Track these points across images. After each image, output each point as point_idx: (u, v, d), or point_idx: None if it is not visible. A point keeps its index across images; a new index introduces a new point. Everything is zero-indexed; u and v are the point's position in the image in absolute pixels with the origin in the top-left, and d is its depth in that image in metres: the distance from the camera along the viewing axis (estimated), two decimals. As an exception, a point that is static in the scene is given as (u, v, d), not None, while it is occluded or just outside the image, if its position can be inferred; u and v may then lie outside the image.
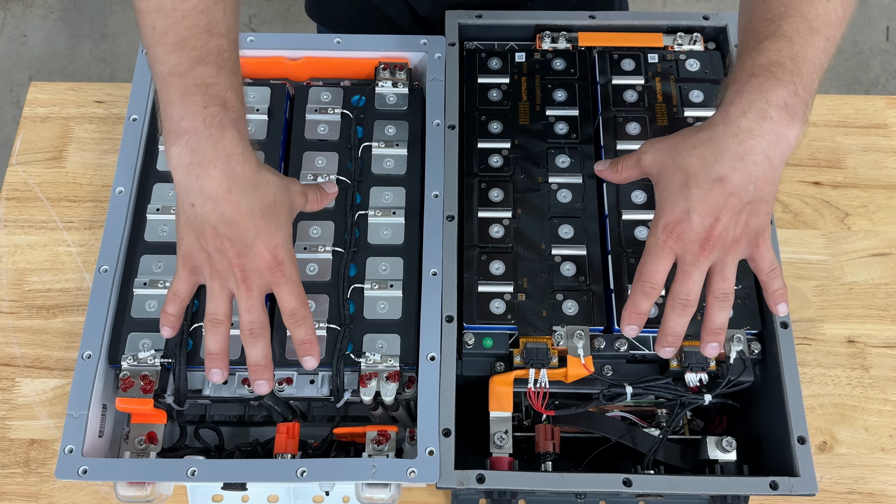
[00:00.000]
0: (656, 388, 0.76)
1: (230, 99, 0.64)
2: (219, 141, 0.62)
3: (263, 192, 0.64)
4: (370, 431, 0.76)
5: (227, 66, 0.65)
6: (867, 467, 0.86)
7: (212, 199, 0.63)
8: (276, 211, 0.66)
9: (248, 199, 0.63)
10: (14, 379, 0.90)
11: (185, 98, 0.63)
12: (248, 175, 0.63)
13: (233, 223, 0.63)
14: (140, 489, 0.73)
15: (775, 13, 0.67)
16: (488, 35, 0.94)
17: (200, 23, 0.65)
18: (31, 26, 2.21)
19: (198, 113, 0.63)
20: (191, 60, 0.64)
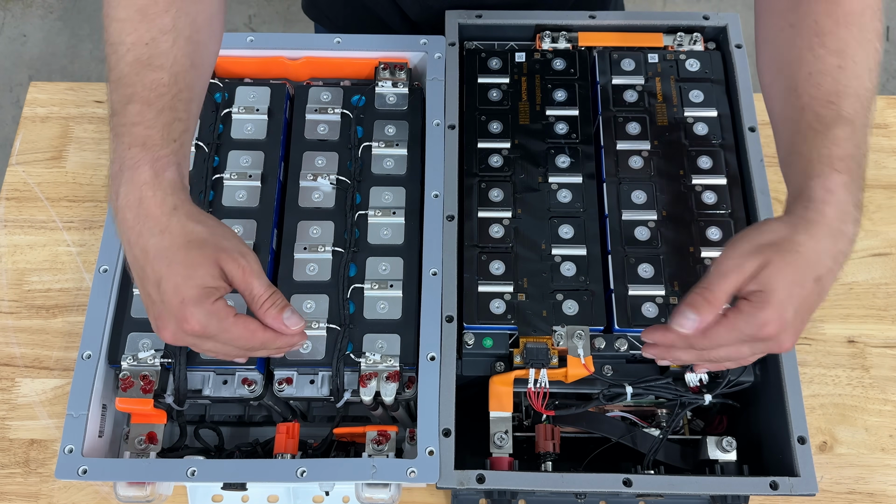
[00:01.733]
0: (656, 388, 0.76)
1: (152, 137, 0.62)
2: (132, 183, 0.61)
3: (174, 238, 0.60)
4: (370, 431, 0.76)
5: (159, 101, 0.63)
6: (867, 467, 0.86)
7: (129, 243, 0.61)
8: (188, 259, 0.60)
9: (155, 244, 0.60)
10: (14, 379, 0.90)
11: (115, 140, 0.63)
12: (158, 218, 0.60)
13: (143, 269, 0.61)
14: (140, 489, 0.73)
15: (829, 91, 0.66)
16: (488, 35, 0.94)
17: (142, 57, 0.64)
18: (31, 26, 2.21)
19: (121, 155, 0.62)
20: (124, 99, 0.63)
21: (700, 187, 0.84)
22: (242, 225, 0.82)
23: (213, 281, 0.60)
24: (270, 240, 0.82)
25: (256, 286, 0.62)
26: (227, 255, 0.61)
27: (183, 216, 0.61)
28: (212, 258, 0.60)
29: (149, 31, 0.64)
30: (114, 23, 0.65)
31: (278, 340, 0.64)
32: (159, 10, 0.65)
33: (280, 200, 0.85)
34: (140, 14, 0.65)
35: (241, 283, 0.61)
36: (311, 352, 0.77)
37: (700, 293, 0.63)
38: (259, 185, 0.84)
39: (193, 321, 0.60)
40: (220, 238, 0.62)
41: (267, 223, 0.83)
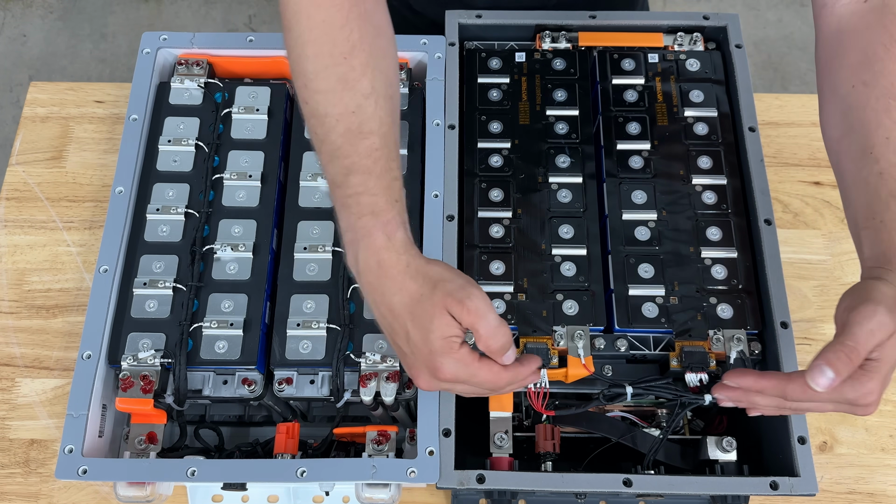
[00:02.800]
0: (656, 388, 0.76)
1: (378, 203, 0.64)
2: (370, 250, 0.64)
3: (411, 294, 0.63)
4: (370, 431, 0.75)
5: (376, 167, 0.65)
6: (867, 467, 0.86)
7: (375, 304, 0.65)
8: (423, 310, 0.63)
9: (398, 303, 0.63)
10: (14, 379, 0.90)
11: (343, 210, 0.66)
12: (395, 278, 0.63)
13: (392, 327, 0.65)
14: (140, 489, 0.73)
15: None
16: (488, 35, 0.94)
17: (352, 126, 0.65)
18: (31, 26, 2.21)
19: (352, 225, 0.65)
20: (343, 170, 0.65)
21: (700, 187, 0.84)
22: (242, 225, 0.82)
23: (450, 329, 0.62)
24: (270, 240, 0.82)
25: (482, 327, 0.62)
26: (452, 300, 0.62)
27: (415, 272, 0.63)
28: (441, 307, 0.62)
29: (353, 99, 0.65)
30: (316, 95, 0.66)
31: (520, 375, 0.66)
32: (357, 75, 0.65)
33: (280, 200, 0.85)
34: (341, 83, 0.65)
35: (470, 326, 0.63)
36: (311, 352, 0.77)
37: (845, 352, 0.60)
38: (259, 185, 0.84)
39: (445, 371, 0.63)
40: (446, 283, 0.63)
41: (267, 223, 0.83)
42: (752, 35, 2.17)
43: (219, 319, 0.77)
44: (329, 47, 0.65)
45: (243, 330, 0.77)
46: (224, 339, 0.77)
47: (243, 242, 0.81)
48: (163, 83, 0.90)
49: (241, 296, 0.79)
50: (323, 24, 0.65)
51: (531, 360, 0.68)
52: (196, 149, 0.86)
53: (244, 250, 0.81)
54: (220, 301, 0.79)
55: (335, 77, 0.65)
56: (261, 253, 0.81)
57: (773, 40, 2.17)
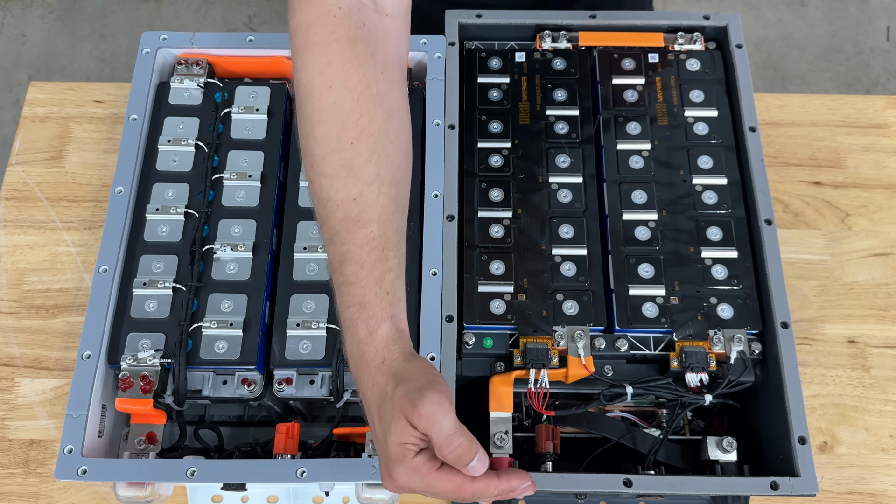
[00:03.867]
0: (657, 388, 0.76)
1: (367, 296, 0.63)
2: (353, 340, 0.63)
3: (381, 392, 0.61)
4: (370, 432, 0.75)
5: (371, 257, 0.64)
6: (868, 467, 0.86)
7: (360, 390, 0.64)
8: (380, 414, 0.61)
9: (370, 397, 0.62)
10: (14, 379, 0.90)
11: (337, 296, 0.65)
12: (371, 373, 0.62)
13: (369, 415, 0.63)
14: (140, 489, 0.73)
15: None
16: (488, 35, 0.94)
17: (351, 213, 0.64)
18: (31, 26, 2.21)
19: (342, 313, 0.64)
20: (339, 257, 0.64)
21: (700, 187, 0.84)
22: (242, 225, 0.82)
23: (405, 436, 0.58)
24: (270, 240, 0.82)
25: (435, 434, 0.57)
26: (407, 402, 0.58)
27: (387, 369, 0.62)
28: (398, 410, 0.59)
29: (356, 186, 0.64)
30: (320, 178, 0.65)
31: (491, 489, 0.60)
32: (363, 161, 0.64)
33: (280, 200, 0.85)
34: (346, 169, 0.64)
35: (424, 432, 0.58)
36: (310, 352, 0.76)
37: None
38: (259, 185, 0.84)
39: (398, 479, 0.60)
40: (407, 384, 0.60)
41: (267, 223, 0.82)
42: (753, 35, 2.17)
43: (218, 319, 0.77)
44: (337, 131, 0.64)
45: (243, 330, 0.77)
46: (224, 339, 0.77)
47: (243, 242, 0.81)
48: (162, 83, 0.90)
49: (240, 296, 0.79)
50: (333, 107, 0.64)
51: (514, 476, 0.60)
52: (196, 149, 0.86)
53: (244, 250, 0.81)
54: (220, 301, 0.79)
55: (340, 162, 0.64)
56: (260, 253, 0.81)
57: (773, 40, 2.17)
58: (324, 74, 0.65)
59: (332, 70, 0.65)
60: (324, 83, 0.65)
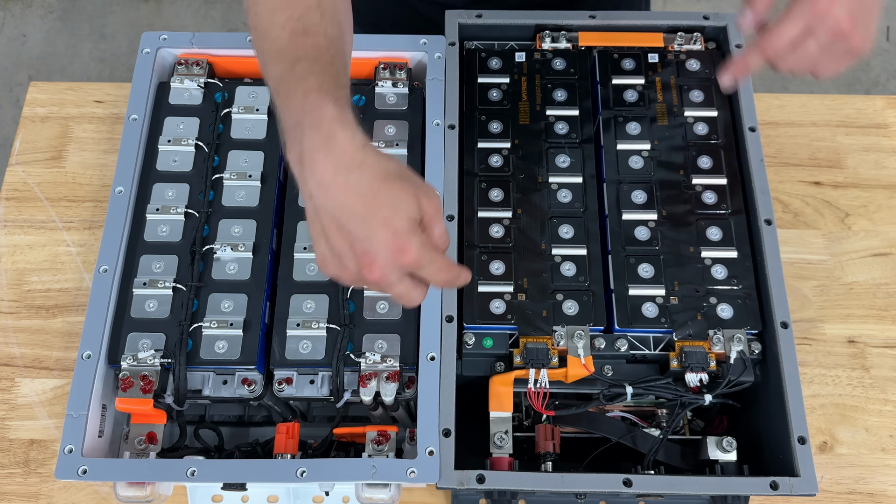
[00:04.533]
0: (656, 388, 0.76)
1: (326, 83, 0.63)
2: (320, 125, 0.60)
3: (373, 172, 0.59)
4: (370, 431, 0.75)
5: (322, 58, 0.65)
6: (867, 467, 0.86)
7: (323, 185, 0.59)
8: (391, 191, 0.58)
9: (355, 179, 0.58)
10: (14, 379, 0.90)
11: (288, 97, 0.63)
12: (352, 153, 0.59)
13: (346, 207, 0.58)
14: (140, 489, 0.73)
15: None
16: (488, 35, 0.94)
17: (297, 29, 0.66)
18: (31, 26, 2.21)
19: (299, 105, 0.62)
20: (288, 63, 0.65)
21: (700, 187, 0.84)
22: (242, 225, 0.82)
23: (416, 213, 0.59)
24: (270, 240, 0.82)
25: (439, 227, 0.61)
26: (422, 191, 0.59)
27: (373, 151, 0.60)
28: (411, 192, 0.59)
29: (297, 9, 0.67)
30: (262, 10, 0.68)
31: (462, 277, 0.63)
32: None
33: (280, 200, 0.85)
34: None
35: (430, 219, 0.60)
36: (310, 352, 0.76)
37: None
38: (259, 185, 0.84)
39: (411, 250, 0.58)
40: (411, 174, 0.60)
41: (267, 223, 0.82)
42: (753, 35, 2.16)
43: (219, 319, 0.77)
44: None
45: (243, 330, 0.77)
46: (224, 339, 0.77)
47: (243, 242, 0.81)
48: (162, 83, 0.90)
49: (240, 296, 0.79)
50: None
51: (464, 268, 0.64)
52: (196, 149, 0.86)
53: (244, 250, 0.81)
54: (220, 301, 0.79)
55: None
56: (261, 253, 0.81)
57: (773, 40, 2.17)
58: None
59: None
60: None
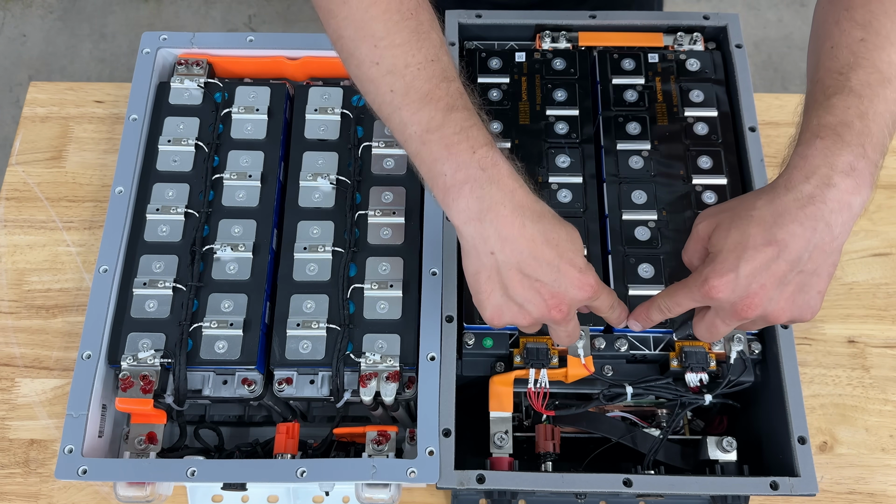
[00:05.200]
0: (656, 388, 0.76)
1: (489, 137, 0.63)
2: (500, 180, 0.61)
3: (550, 220, 0.63)
4: (370, 431, 0.75)
5: (472, 105, 0.65)
6: (867, 467, 0.86)
7: (509, 240, 0.61)
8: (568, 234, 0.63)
9: (540, 230, 0.62)
10: (14, 379, 0.90)
11: (452, 149, 0.62)
12: (532, 206, 0.62)
13: (534, 257, 0.61)
14: (140, 489, 0.73)
15: (843, 63, 0.64)
16: (488, 35, 0.94)
17: (436, 72, 0.64)
18: (31, 26, 2.21)
19: (469, 161, 0.61)
20: (443, 111, 0.63)
21: (700, 187, 0.84)
22: (242, 225, 0.82)
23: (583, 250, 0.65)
24: (270, 240, 0.82)
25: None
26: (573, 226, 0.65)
27: (542, 201, 0.63)
28: (575, 230, 0.64)
29: (431, 49, 0.65)
30: (392, 49, 0.64)
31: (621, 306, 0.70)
32: (426, 28, 0.65)
33: (280, 200, 0.85)
34: (416, 35, 0.65)
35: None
36: (310, 352, 0.77)
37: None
38: (259, 185, 0.84)
39: (594, 283, 0.63)
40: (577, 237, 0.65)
41: (267, 223, 0.82)
42: (752, 35, 2.17)
43: (219, 319, 0.77)
44: (396, 4, 0.65)
45: (243, 330, 0.77)
46: (224, 339, 0.77)
47: (243, 242, 0.81)
48: (163, 83, 0.90)
49: (240, 296, 0.79)
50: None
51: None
52: (196, 149, 0.86)
53: (244, 250, 0.81)
54: (220, 301, 0.79)
55: (409, 31, 0.65)
56: (261, 253, 0.81)
57: (773, 40, 2.17)
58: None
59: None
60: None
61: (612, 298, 0.68)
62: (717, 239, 0.64)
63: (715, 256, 0.63)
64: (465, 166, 0.61)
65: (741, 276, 0.61)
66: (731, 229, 0.62)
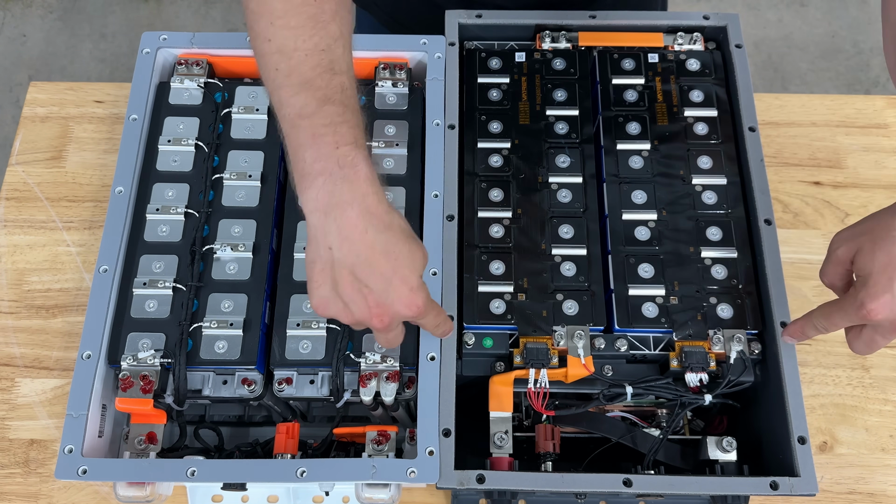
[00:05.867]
0: (656, 388, 0.76)
1: (359, 137, 0.64)
2: (354, 181, 0.62)
3: (397, 234, 0.64)
4: (370, 431, 0.75)
5: (351, 104, 0.65)
6: (867, 467, 0.86)
7: (349, 240, 0.62)
8: (410, 251, 0.64)
9: (383, 240, 0.63)
10: (14, 379, 0.90)
11: (317, 139, 0.63)
12: (382, 216, 0.63)
13: (369, 263, 0.63)
14: (140, 489, 0.73)
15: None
16: (488, 35, 0.94)
17: (323, 62, 0.65)
18: (31, 26, 2.21)
19: (331, 154, 0.63)
20: (317, 101, 0.64)
21: (700, 187, 0.84)
22: (242, 225, 0.82)
23: (423, 270, 0.66)
24: (270, 240, 0.82)
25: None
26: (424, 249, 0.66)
27: (396, 213, 0.65)
28: (422, 251, 0.66)
29: (324, 39, 0.65)
30: (285, 30, 0.65)
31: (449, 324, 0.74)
32: (327, 18, 0.66)
33: (280, 200, 0.85)
34: (312, 22, 0.65)
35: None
36: (310, 352, 0.77)
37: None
38: (259, 185, 0.84)
39: (421, 305, 0.65)
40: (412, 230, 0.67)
41: (267, 223, 0.82)
42: (752, 35, 2.17)
43: (219, 319, 0.77)
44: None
45: (243, 330, 0.77)
46: (224, 339, 0.77)
47: (243, 242, 0.81)
48: (163, 83, 0.90)
49: (240, 296, 0.79)
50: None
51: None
52: (196, 149, 0.86)
53: (244, 250, 0.81)
54: (220, 301, 0.79)
55: (306, 16, 0.65)
56: (261, 253, 0.81)
57: (773, 40, 2.17)
58: None
59: None
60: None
61: (440, 318, 0.70)
62: (863, 262, 0.66)
63: (866, 280, 0.65)
64: (324, 158, 0.63)
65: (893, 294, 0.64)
66: (876, 251, 0.65)
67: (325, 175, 0.62)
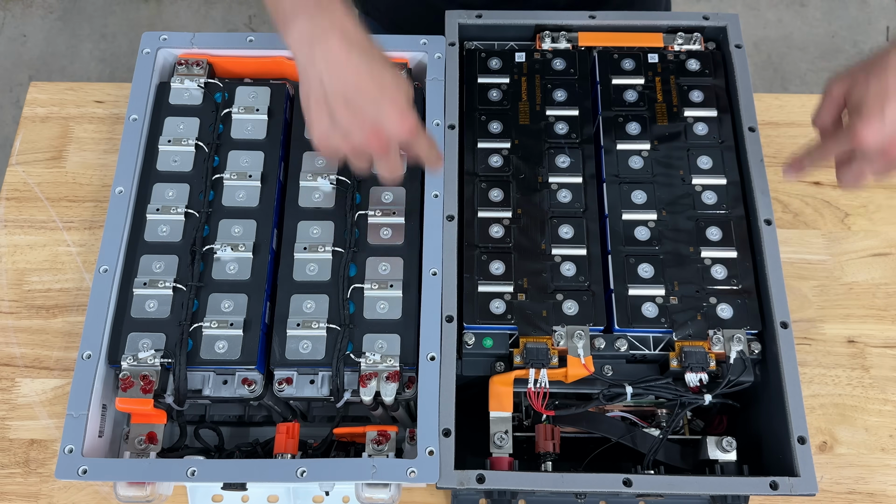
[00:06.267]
0: (656, 388, 0.76)
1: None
2: (332, 14, 0.68)
3: (379, 60, 0.69)
4: (370, 431, 0.76)
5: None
6: (867, 467, 0.86)
7: (336, 65, 0.67)
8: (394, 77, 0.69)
9: (367, 64, 0.68)
10: (14, 379, 0.90)
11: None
12: (362, 41, 0.69)
13: (358, 88, 0.68)
14: (140, 489, 0.73)
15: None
16: (488, 35, 0.94)
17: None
18: (31, 26, 2.21)
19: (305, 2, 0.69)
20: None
21: (700, 187, 0.84)
22: (242, 225, 0.82)
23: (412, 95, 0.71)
24: (270, 240, 0.82)
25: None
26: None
27: (376, 42, 0.70)
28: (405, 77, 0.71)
29: None
30: None
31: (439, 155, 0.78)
32: None
33: (280, 200, 0.85)
34: None
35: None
36: (311, 352, 0.77)
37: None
38: (259, 185, 0.84)
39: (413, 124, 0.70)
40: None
41: (267, 223, 0.83)
42: (752, 35, 2.17)
43: (219, 319, 0.77)
44: None
45: (243, 330, 0.77)
46: (224, 339, 0.77)
47: (243, 242, 0.81)
48: (163, 83, 0.90)
49: (241, 296, 0.79)
50: None
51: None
52: (196, 149, 0.86)
53: (244, 250, 0.81)
54: (220, 301, 0.79)
55: None
56: (261, 253, 0.81)
57: (773, 40, 2.17)
58: None
59: None
60: None
61: (431, 142, 0.75)
62: (857, 92, 0.69)
63: (860, 108, 0.68)
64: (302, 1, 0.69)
65: (887, 121, 0.66)
66: (870, 80, 0.68)
67: (305, 13, 0.68)
